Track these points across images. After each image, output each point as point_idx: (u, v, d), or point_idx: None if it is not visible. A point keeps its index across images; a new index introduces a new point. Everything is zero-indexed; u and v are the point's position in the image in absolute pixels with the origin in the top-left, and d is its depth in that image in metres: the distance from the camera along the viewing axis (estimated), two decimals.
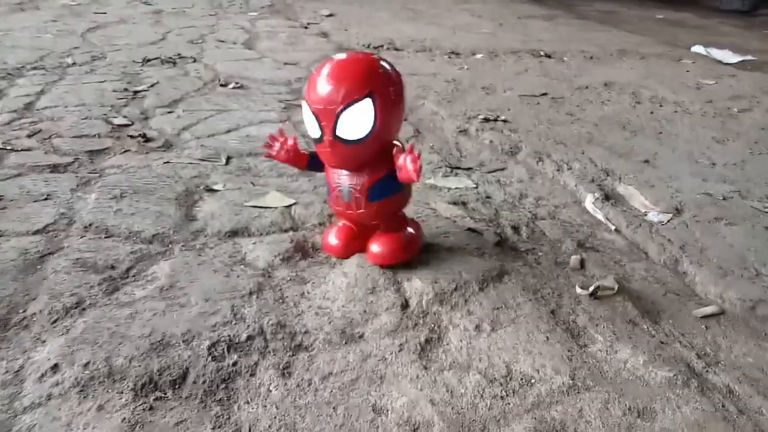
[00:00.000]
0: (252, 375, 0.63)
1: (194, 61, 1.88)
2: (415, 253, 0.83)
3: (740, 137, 1.50)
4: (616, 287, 0.82)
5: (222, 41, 2.19)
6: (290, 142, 0.80)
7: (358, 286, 0.78)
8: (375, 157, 0.75)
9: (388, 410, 0.60)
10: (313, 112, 0.72)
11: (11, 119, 1.29)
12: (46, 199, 0.95)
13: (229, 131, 1.31)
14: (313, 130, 0.73)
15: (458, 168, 1.21)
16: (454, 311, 0.75)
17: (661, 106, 1.75)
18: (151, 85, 1.59)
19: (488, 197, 1.09)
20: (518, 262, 0.88)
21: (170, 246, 0.85)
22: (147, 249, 0.84)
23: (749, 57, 2.63)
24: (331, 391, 0.62)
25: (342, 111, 0.70)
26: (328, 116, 0.70)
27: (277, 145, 0.80)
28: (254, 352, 0.66)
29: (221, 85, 1.63)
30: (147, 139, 1.22)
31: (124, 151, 1.17)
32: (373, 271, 0.81)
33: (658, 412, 0.61)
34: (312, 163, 0.82)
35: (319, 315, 0.73)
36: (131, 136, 1.23)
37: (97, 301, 0.72)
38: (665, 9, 4.24)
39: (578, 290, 0.82)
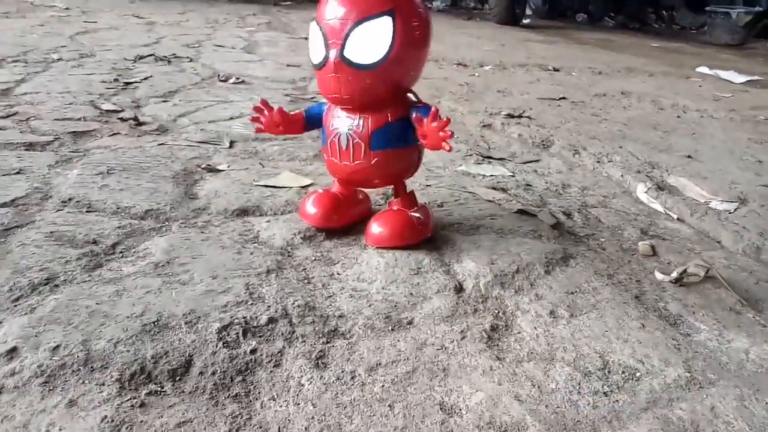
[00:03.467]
0: (277, 365, 0.48)
1: (191, 60, 1.76)
2: (423, 237, 0.69)
3: None
4: (703, 274, 0.68)
5: (220, 46, 2.08)
6: (276, 112, 0.67)
7: (398, 266, 0.64)
8: (386, 96, 0.62)
9: (461, 409, 0.45)
10: (321, 28, 0.59)
11: None
12: (17, 173, 0.80)
13: (231, 118, 1.17)
14: (318, 51, 0.60)
15: (490, 158, 1.08)
16: (519, 295, 0.61)
17: (684, 112, 1.66)
18: (144, 78, 1.46)
19: (528, 185, 0.96)
20: (580, 246, 0.74)
21: (167, 223, 0.71)
22: (138, 224, 0.69)
23: (756, 77, 2.59)
24: (383, 386, 0.47)
25: (354, 26, 0.57)
26: (338, 32, 0.58)
27: (263, 118, 0.67)
28: (278, 337, 0.51)
29: (221, 80, 1.51)
30: (139, 123, 1.08)
31: (113, 134, 1.02)
32: (415, 250, 0.67)
33: None
34: (309, 122, 0.69)
35: (354, 297, 0.58)
36: (121, 119, 1.09)
37: (74, 277, 0.57)
38: (659, 40, 4.27)
39: (659, 276, 0.68)
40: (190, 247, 0.64)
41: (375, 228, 0.68)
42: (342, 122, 0.65)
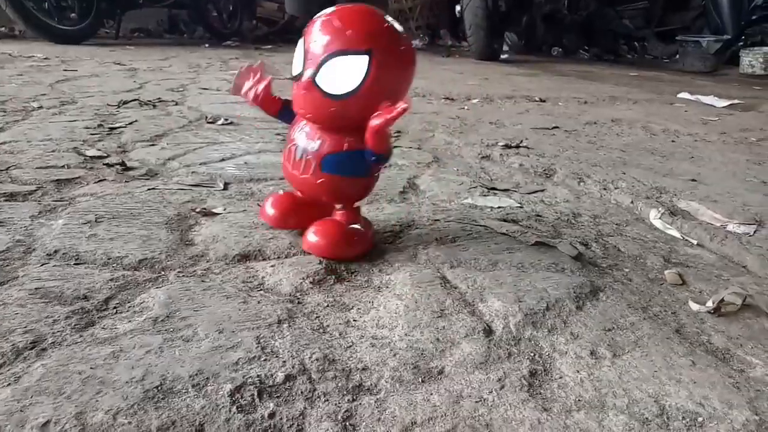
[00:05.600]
0: (299, 430, 0.42)
1: (176, 104, 1.73)
2: (361, 251, 0.71)
3: None
4: (740, 302, 0.64)
5: (205, 89, 2.05)
6: (262, 84, 0.69)
7: (420, 309, 0.59)
8: (349, 125, 0.64)
9: None
10: (304, 45, 0.62)
11: None
12: None
13: (223, 160, 1.13)
14: (297, 64, 0.63)
15: (494, 189, 1.05)
16: (553, 335, 0.56)
17: (677, 137, 1.66)
18: (129, 123, 1.41)
19: (539, 215, 0.93)
20: (606, 278, 0.70)
21: (163, 272, 0.65)
22: (132, 276, 0.63)
23: (736, 101, 2.63)
24: None
25: (330, 57, 0.60)
26: (316, 56, 0.61)
27: (249, 83, 0.69)
28: (298, 397, 0.45)
29: (209, 122, 1.47)
30: (126, 168, 1.03)
31: (100, 180, 0.97)
32: (435, 291, 0.62)
33: None
34: (283, 112, 0.71)
35: (376, 347, 0.53)
36: (108, 165, 1.04)
37: (63, 338, 0.51)
38: (635, 69, 4.36)
39: (694, 306, 0.64)
40: (191, 298, 0.58)
41: (311, 236, 0.69)
42: (302, 135, 0.67)
